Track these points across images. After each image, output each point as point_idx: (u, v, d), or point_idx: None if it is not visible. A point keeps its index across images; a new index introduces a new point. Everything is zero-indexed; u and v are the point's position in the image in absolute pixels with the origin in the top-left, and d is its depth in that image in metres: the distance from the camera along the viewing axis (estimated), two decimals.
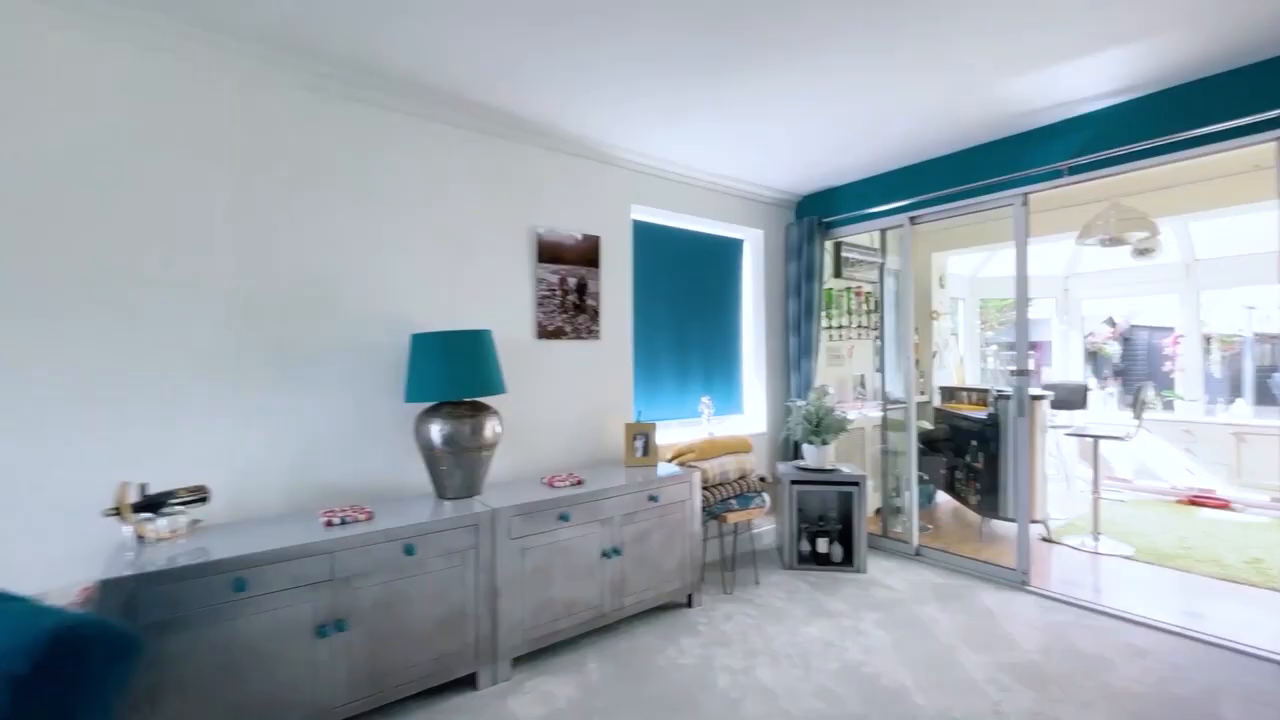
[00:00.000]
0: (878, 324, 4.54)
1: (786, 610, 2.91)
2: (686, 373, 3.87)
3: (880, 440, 4.24)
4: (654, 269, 3.71)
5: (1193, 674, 2.29)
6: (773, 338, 4.21)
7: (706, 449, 3.21)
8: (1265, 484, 4.71)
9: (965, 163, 3.34)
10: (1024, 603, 2.96)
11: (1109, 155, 2.76)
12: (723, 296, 4.11)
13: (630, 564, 2.70)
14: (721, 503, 3.16)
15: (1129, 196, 3.81)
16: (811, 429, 3.52)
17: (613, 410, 3.30)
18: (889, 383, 4.44)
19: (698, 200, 3.78)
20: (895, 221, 3.72)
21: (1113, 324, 7.34)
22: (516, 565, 2.34)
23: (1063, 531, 4.12)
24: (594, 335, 3.21)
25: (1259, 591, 3.11)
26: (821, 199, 4.15)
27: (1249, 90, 2.41)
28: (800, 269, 4.08)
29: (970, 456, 4.23)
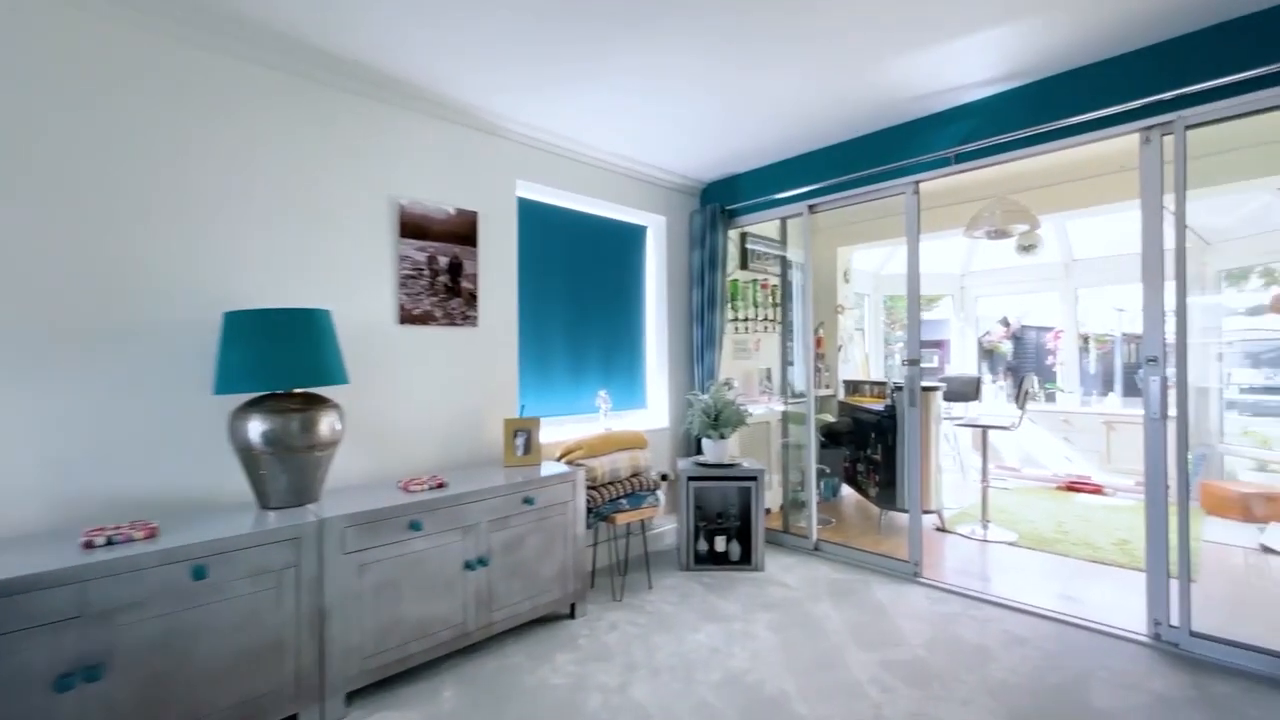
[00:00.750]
0: (784, 316, 4.49)
1: (676, 616, 2.72)
2: (583, 365, 3.62)
3: (782, 434, 4.16)
4: (547, 252, 3.43)
5: (1066, 660, 2.29)
6: (676, 329, 4.04)
7: (596, 445, 2.97)
8: (1131, 469, 5.05)
9: (860, 150, 3.29)
10: (915, 595, 2.92)
11: (992, 143, 2.76)
12: (624, 285, 3.89)
13: (500, 575, 2.41)
14: (611, 503, 2.93)
15: (1013, 194, 3.93)
16: (710, 423, 3.36)
17: (494, 405, 2.99)
18: (793, 376, 4.39)
19: (596, 181, 3.54)
20: (795, 210, 3.64)
21: (1006, 324, 7.79)
22: (352, 583, 2.00)
23: (956, 521, 4.20)
24: (470, 321, 2.90)
25: (1125, 572, 3.24)
26: (725, 186, 4.02)
27: (1118, 81, 2.45)
28: (703, 258, 3.93)
29: (870, 449, 4.24)
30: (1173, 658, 2.29)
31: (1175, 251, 2.36)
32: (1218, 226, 4.73)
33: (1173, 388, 2.41)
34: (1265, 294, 5.13)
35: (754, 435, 4.34)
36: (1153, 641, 2.40)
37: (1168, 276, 2.40)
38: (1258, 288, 5.18)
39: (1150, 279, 2.45)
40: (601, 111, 2.95)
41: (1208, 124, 2.28)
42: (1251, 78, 2.14)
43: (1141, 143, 2.44)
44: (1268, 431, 4.84)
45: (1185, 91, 2.28)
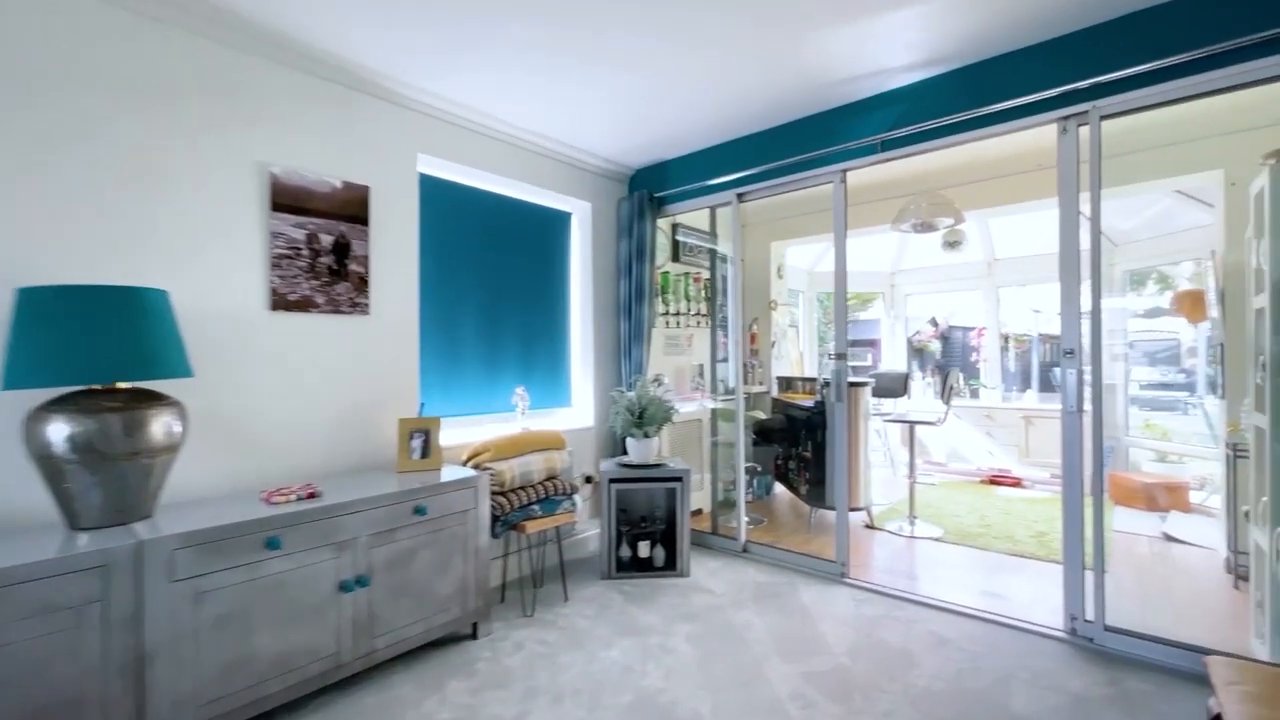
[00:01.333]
0: (718, 309, 4.35)
1: (590, 631, 2.50)
2: (499, 360, 3.34)
3: (712, 432, 4.02)
4: (458, 236, 3.13)
5: (988, 662, 2.22)
6: (603, 322, 3.82)
7: (505, 447, 2.71)
8: (1047, 462, 5.22)
9: (788, 137, 3.17)
10: (841, 597, 2.82)
11: (918, 129, 2.69)
12: (547, 274, 3.64)
13: (384, 595, 2.12)
14: (521, 510, 2.67)
15: (940, 190, 3.94)
16: (634, 421, 3.16)
17: (390, 403, 2.68)
18: (722, 371, 4.27)
19: (514, 161, 3.27)
20: (724, 199, 3.49)
21: (935, 324, 8.03)
22: (184, 617, 1.67)
23: (884, 517, 4.19)
24: (361, 309, 2.57)
25: (1043, 565, 3.27)
26: (654, 173, 3.83)
27: (1038, 69, 2.42)
28: (631, 247, 3.73)
29: (801, 446, 4.16)
30: (1089, 654, 2.26)
31: (1091, 243, 2.34)
32: (1123, 229, 4.96)
33: (1087, 384, 2.39)
34: (1162, 298, 5.43)
35: (686, 434, 4.19)
36: (1069, 637, 2.38)
37: (1083, 275, 2.38)
38: (1154, 291, 5.49)
39: (1067, 272, 2.43)
40: (515, 85, 2.69)
41: (1122, 114, 2.27)
42: (1163, 67, 2.13)
43: (1059, 133, 2.41)
44: (1166, 424, 5.11)
45: (1100, 80, 2.25)
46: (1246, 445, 2.89)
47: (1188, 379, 5.29)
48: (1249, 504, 2.92)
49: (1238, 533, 2.97)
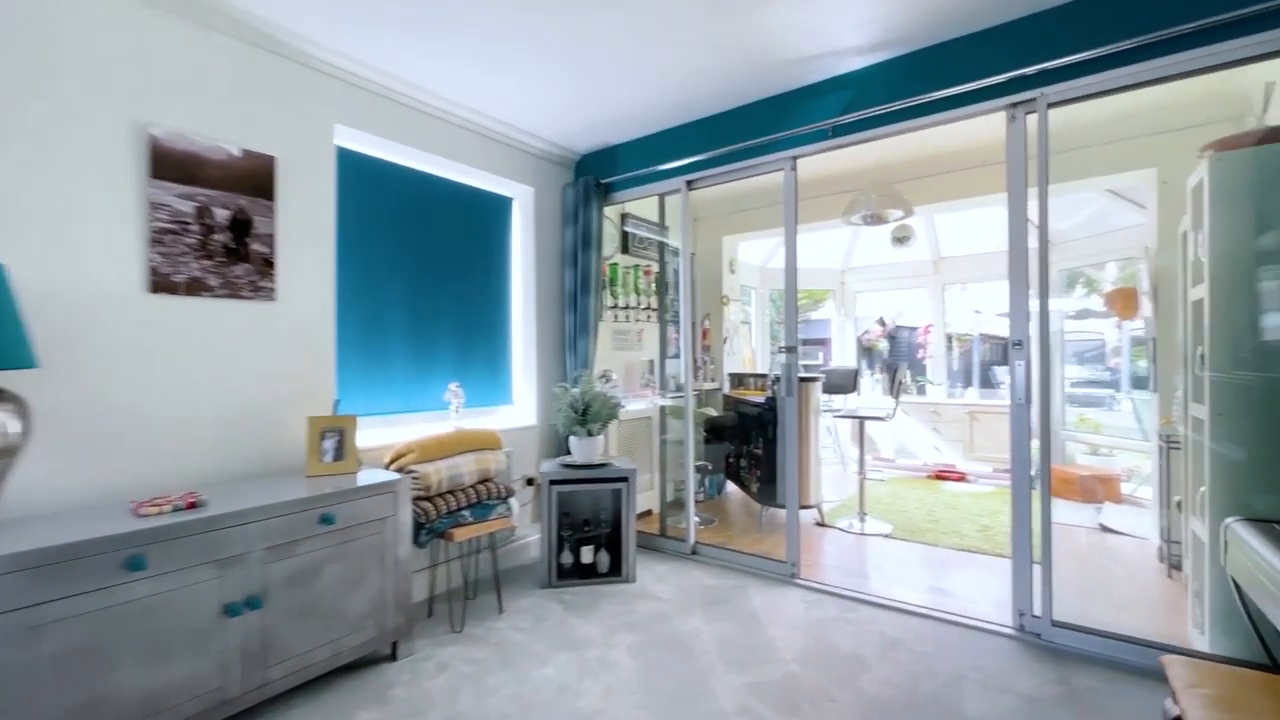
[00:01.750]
0: (668, 305, 4.21)
1: (525, 646, 2.30)
2: (431, 354, 3.09)
3: (661, 430, 3.87)
4: (385, 218, 2.87)
5: (939, 663, 2.14)
6: (547, 314, 3.62)
7: (432, 448, 2.48)
8: (990, 457, 5.33)
9: (738, 122, 3.05)
10: (791, 599, 2.71)
11: (869, 114, 2.61)
12: (486, 262, 3.40)
13: (282, 618, 1.86)
14: (450, 515, 2.44)
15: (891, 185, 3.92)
16: (577, 418, 2.97)
17: (300, 400, 2.40)
18: (673, 368, 4.13)
19: (449, 139, 3.03)
20: (673, 186, 3.35)
21: (883, 323, 8.18)
22: (10, 656, 1.38)
23: (835, 514, 4.14)
24: (265, 294, 2.29)
25: (990, 559, 3.27)
26: (601, 158, 3.66)
27: (987, 54, 2.37)
28: (577, 235, 3.54)
29: (752, 443, 4.07)
30: (1038, 650, 2.22)
31: (1039, 232, 2.31)
32: (1060, 229, 5.10)
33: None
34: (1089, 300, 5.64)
35: (635, 432, 4.03)
36: (1018, 634, 2.33)
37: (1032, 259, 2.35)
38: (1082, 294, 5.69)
39: (1016, 262, 2.39)
40: (448, 55, 2.46)
41: (1070, 101, 2.24)
42: (1108, 54, 2.11)
43: (1008, 121, 2.37)
44: (1098, 419, 5.30)
45: (1047, 66, 2.22)
46: (1178, 438, 2.95)
47: (1112, 376, 5.51)
48: (1180, 495, 2.99)
49: (1170, 523, 3.03)
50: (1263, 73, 2.51)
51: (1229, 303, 2.07)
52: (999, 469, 5.34)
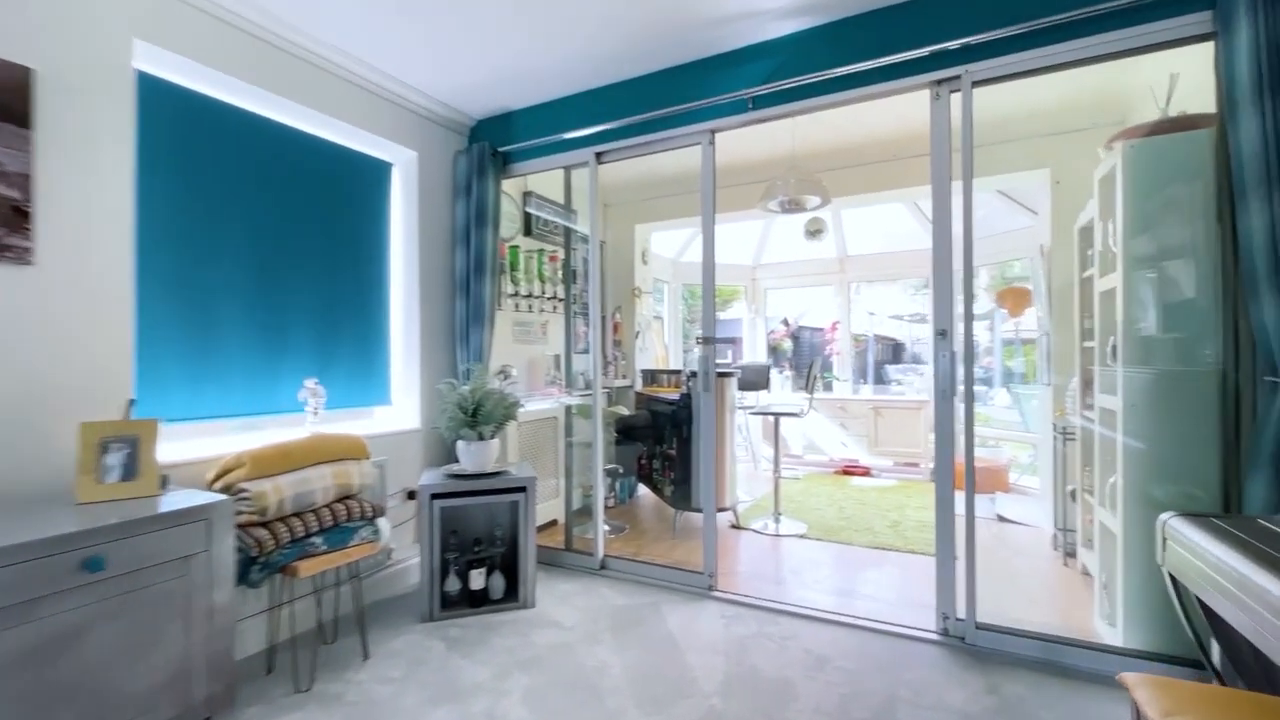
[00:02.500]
0: (575, 296, 3.85)
1: (393, 702, 1.85)
2: (284, 344, 2.52)
3: (566, 431, 3.51)
4: (220, 172, 2.29)
5: (868, 682, 1.96)
6: (434, 300, 3.13)
7: (270, 460, 1.95)
8: (892, 451, 5.46)
9: (652, 89, 2.76)
10: (709, 615, 2.45)
11: (791, 85, 2.41)
12: (358, 236, 2.87)
13: (10, 710, 1.30)
14: (295, 544, 1.93)
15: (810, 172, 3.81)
16: (466, 420, 2.54)
17: (75, 400, 1.78)
18: (582, 363, 3.78)
19: (312, 85, 2.49)
20: (581, 158, 2.99)
21: (787, 324, 8.34)
22: None
23: (748, 515, 3.98)
24: (13, 256, 1.67)
25: (903, 556, 3.21)
26: (499, 124, 3.23)
27: (912, 25, 2.24)
28: (470, 210, 3.09)
29: (666, 443, 3.81)
30: (963, 656, 2.10)
31: (963, 213, 2.21)
32: (957, 230, 5.32)
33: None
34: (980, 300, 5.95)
35: (538, 434, 3.63)
36: (942, 638, 2.22)
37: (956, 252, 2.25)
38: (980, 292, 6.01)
39: (940, 247, 2.28)
40: None
41: (993, 81, 2.15)
42: (1032, 30, 2.02)
43: (932, 99, 2.25)
44: (987, 412, 5.59)
45: (970, 42, 2.11)
46: (1073, 429, 3.03)
47: (985, 373, 5.87)
48: (1074, 484, 3.07)
49: (1066, 511, 3.11)
50: (1150, 71, 2.59)
51: (1142, 292, 2.06)
52: (900, 463, 5.49)
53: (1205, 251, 1.91)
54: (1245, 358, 1.82)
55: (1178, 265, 1.98)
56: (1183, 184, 1.96)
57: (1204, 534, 1.36)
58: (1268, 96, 1.65)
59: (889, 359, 8.15)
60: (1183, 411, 1.97)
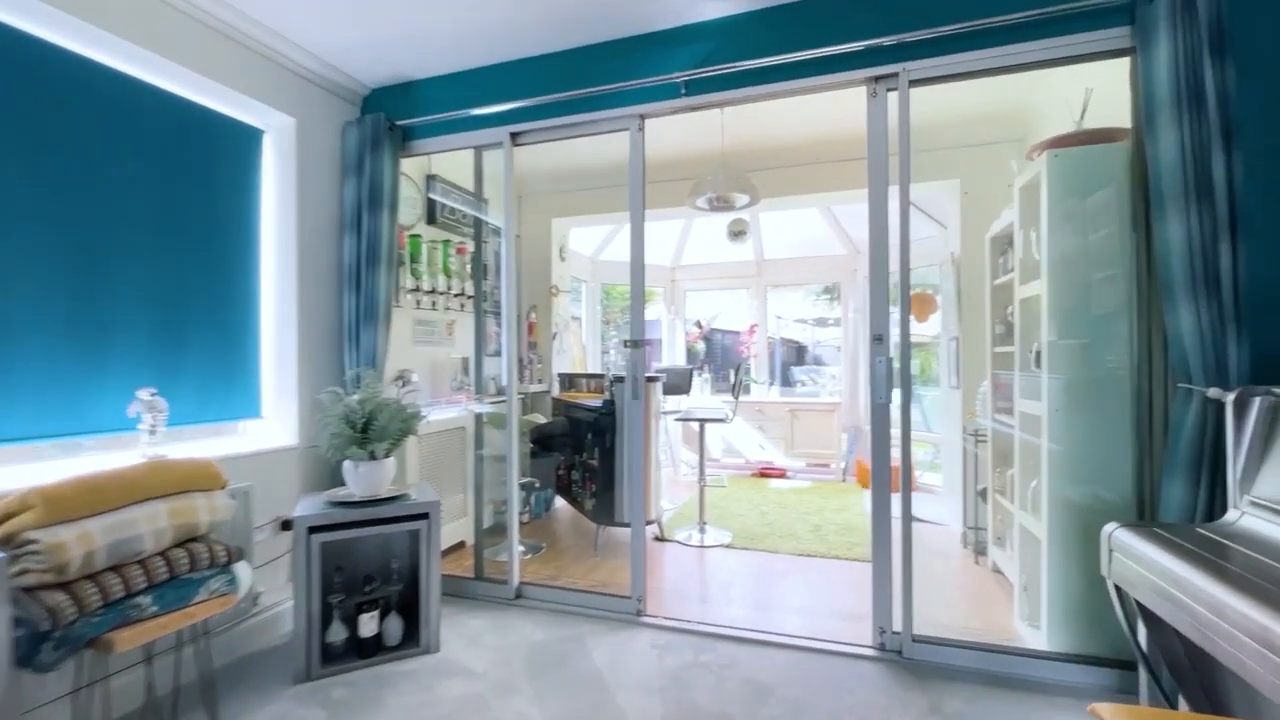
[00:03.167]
0: (487, 293, 3.49)
1: None
2: (108, 344, 2.00)
3: (477, 443, 3.16)
4: (26, 122, 1.73)
5: (814, 713, 1.82)
6: (318, 294, 2.67)
7: (70, 500, 1.47)
8: (807, 453, 5.56)
9: (576, 66, 2.51)
10: (640, 646, 2.23)
11: (726, 70, 2.26)
12: (217, 215, 2.36)
13: None
14: (109, 610, 1.47)
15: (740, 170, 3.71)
16: (355, 436, 2.14)
17: None
18: (493, 367, 3.45)
19: (157, 23, 1.98)
20: (494, 137, 2.67)
21: (700, 326, 8.37)
22: None
23: (673, 526, 3.82)
24: None
25: (828, 563, 3.19)
26: (398, 94, 2.82)
27: (851, 17, 2.15)
28: (362, 191, 2.67)
29: (586, 453, 3.55)
30: (902, 673, 2.04)
31: (900, 215, 2.15)
32: (864, 239, 5.52)
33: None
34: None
35: (443, 448, 3.24)
36: (879, 653, 2.15)
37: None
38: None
39: (877, 249, 2.22)
40: None
41: (930, 81, 2.10)
42: (968, 31, 2.00)
43: (869, 97, 2.18)
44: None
45: (907, 39, 2.06)
46: (984, 431, 3.13)
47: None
48: (984, 484, 3.18)
49: (976, 510, 3.22)
50: (1055, 89, 2.71)
51: (1066, 298, 2.09)
52: (812, 464, 5.60)
53: (1123, 260, 1.97)
54: (1159, 364, 1.89)
55: (1098, 273, 2.03)
56: (1102, 193, 2.01)
57: (1156, 548, 1.33)
58: (1186, 111, 1.69)
59: (793, 361, 8.43)
60: (1100, 416, 2.02)
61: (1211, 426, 1.66)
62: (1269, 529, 1.30)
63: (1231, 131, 1.67)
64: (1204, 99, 1.68)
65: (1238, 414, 1.44)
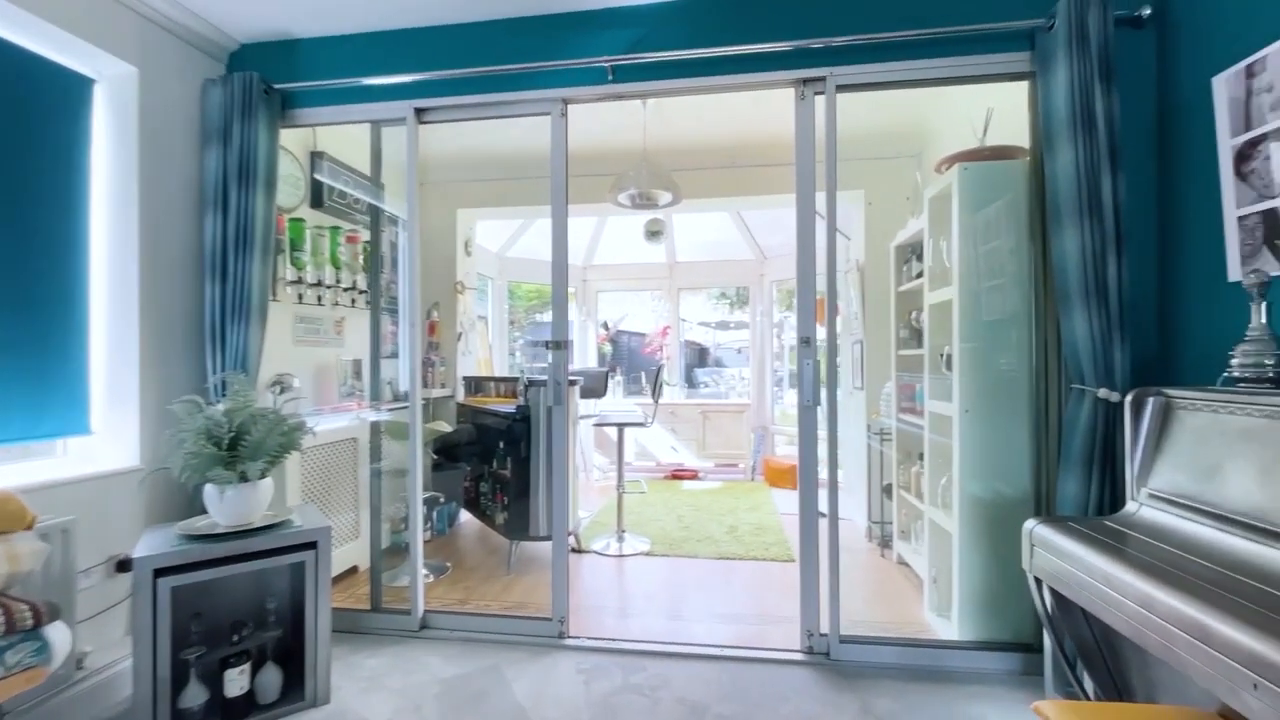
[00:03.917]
0: (384, 288, 3.13)
1: None
2: None
3: (373, 456, 2.82)
4: None
5: None
6: (170, 284, 2.22)
7: None
8: (717, 454, 5.63)
9: (494, 39, 2.29)
10: (564, 671, 2.06)
11: (658, 59, 2.16)
12: (20, 179, 1.87)
13: None
14: None
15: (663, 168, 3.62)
16: (221, 455, 1.77)
17: None
18: (390, 370, 3.11)
19: None
20: (396, 112, 2.37)
21: (606, 328, 8.30)
22: None
23: (589, 535, 3.66)
24: None
25: (746, 564, 3.19)
26: (279, 54, 2.43)
27: (784, 17, 2.13)
28: (229, 162, 2.26)
29: (497, 462, 3.30)
30: (832, 675, 2.04)
31: (827, 224, 2.16)
32: (769, 244, 5.68)
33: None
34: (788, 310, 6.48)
35: (332, 461, 2.85)
36: (808, 657, 2.14)
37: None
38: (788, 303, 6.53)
39: (804, 255, 2.21)
40: None
41: (857, 88, 2.13)
42: (886, 42, 2.04)
43: (797, 99, 2.18)
44: (791, 412, 6.09)
45: (834, 43, 2.07)
46: (889, 430, 3.29)
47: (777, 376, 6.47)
48: (888, 480, 3.34)
49: (882, 505, 3.38)
50: (950, 109, 2.90)
51: (976, 304, 2.21)
52: (720, 464, 5.69)
53: (1023, 269, 2.11)
54: (1054, 366, 2.04)
55: (1002, 280, 2.16)
56: (1006, 206, 2.14)
57: (1075, 542, 1.39)
58: (1081, 132, 1.83)
59: (696, 363, 8.61)
60: (1003, 416, 2.15)
61: (1101, 425, 1.80)
62: (1166, 519, 1.41)
63: (1117, 154, 1.83)
64: (1095, 123, 1.83)
65: (1134, 413, 1.56)
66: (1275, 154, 1.53)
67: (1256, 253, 1.59)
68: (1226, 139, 1.66)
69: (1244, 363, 1.41)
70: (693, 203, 3.70)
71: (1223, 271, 1.68)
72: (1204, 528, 1.30)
